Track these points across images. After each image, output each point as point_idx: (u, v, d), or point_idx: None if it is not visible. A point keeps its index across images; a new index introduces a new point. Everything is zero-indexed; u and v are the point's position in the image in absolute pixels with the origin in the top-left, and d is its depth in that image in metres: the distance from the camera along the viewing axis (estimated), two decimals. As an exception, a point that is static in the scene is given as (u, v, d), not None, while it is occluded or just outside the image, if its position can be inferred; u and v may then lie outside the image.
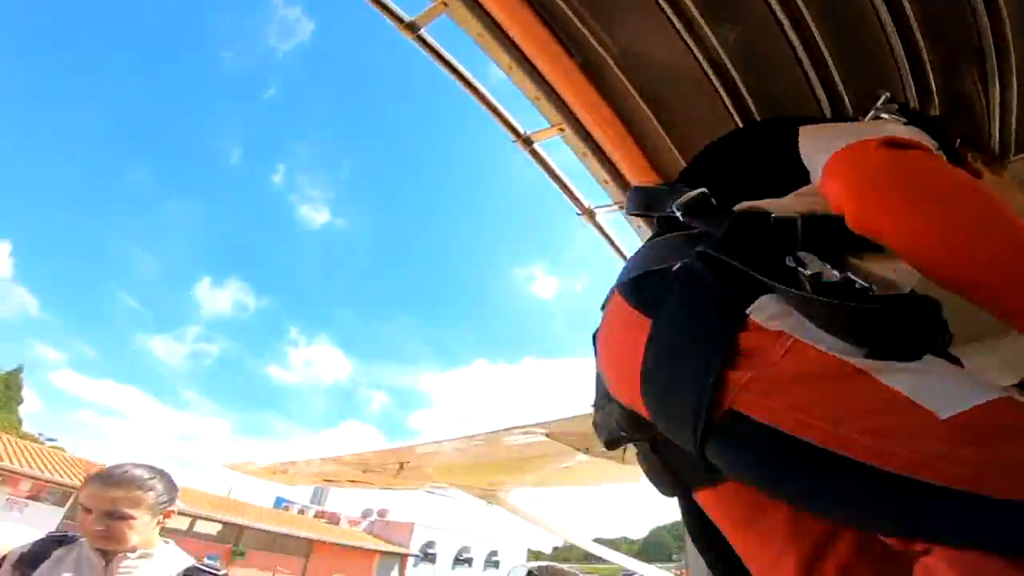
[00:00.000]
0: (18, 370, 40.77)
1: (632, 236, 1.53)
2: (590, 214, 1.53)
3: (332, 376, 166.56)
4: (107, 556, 1.23)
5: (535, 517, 3.97)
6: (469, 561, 35.80)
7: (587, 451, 2.43)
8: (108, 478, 1.24)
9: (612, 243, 1.61)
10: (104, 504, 1.20)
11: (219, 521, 21.74)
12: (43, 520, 16.09)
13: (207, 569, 1.31)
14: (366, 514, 35.26)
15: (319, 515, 32.95)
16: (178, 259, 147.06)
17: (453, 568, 34.07)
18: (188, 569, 1.29)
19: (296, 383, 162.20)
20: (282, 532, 23.92)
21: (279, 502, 31.37)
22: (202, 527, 21.33)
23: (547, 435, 2.29)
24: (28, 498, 17.33)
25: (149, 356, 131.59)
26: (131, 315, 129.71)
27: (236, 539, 22.35)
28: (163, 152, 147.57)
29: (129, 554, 1.24)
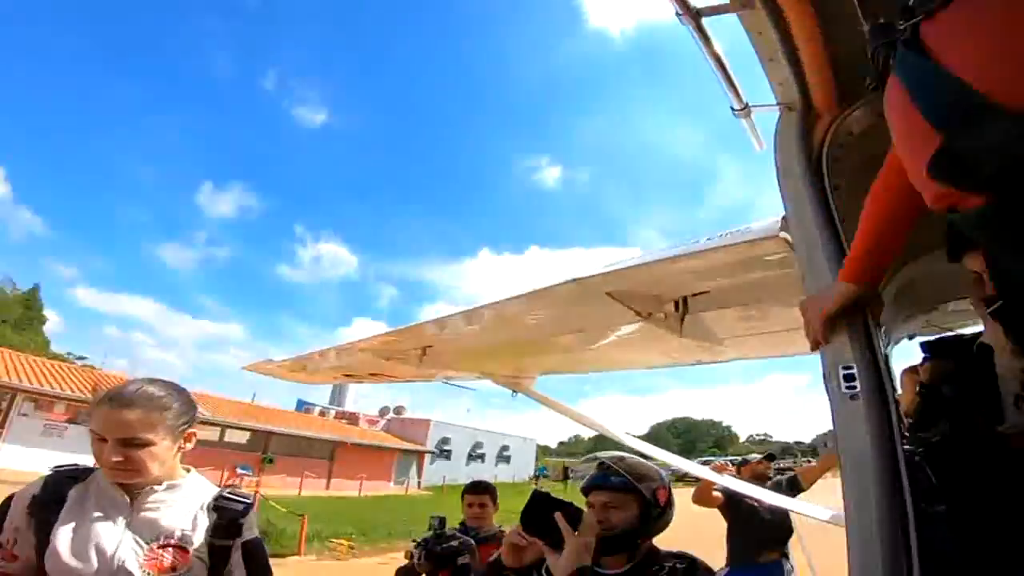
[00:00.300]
0: (35, 289, 41.25)
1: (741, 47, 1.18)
2: (695, 15, 1.20)
3: (340, 272, 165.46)
4: (131, 491, 1.15)
5: (564, 407, 3.88)
6: (482, 457, 38.77)
7: (648, 316, 2.15)
8: (120, 398, 1.14)
9: (716, 56, 1.29)
10: (119, 430, 1.11)
11: (247, 429, 23.01)
12: (84, 444, 16.34)
13: (235, 497, 1.26)
14: (383, 412, 37.25)
15: (339, 416, 34.84)
16: (176, 167, 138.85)
17: (467, 464, 36.80)
18: (217, 498, 1.24)
19: (306, 281, 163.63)
20: (307, 436, 25.46)
21: (300, 405, 33.00)
22: (231, 436, 22.57)
23: (609, 294, 1.98)
24: (66, 421, 17.02)
25: (160, 264, 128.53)
26: (137, 225, 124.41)
27: (264, 446, 23.79)
28: (147, 69, 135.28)
29: (155, 487, 1.17)
